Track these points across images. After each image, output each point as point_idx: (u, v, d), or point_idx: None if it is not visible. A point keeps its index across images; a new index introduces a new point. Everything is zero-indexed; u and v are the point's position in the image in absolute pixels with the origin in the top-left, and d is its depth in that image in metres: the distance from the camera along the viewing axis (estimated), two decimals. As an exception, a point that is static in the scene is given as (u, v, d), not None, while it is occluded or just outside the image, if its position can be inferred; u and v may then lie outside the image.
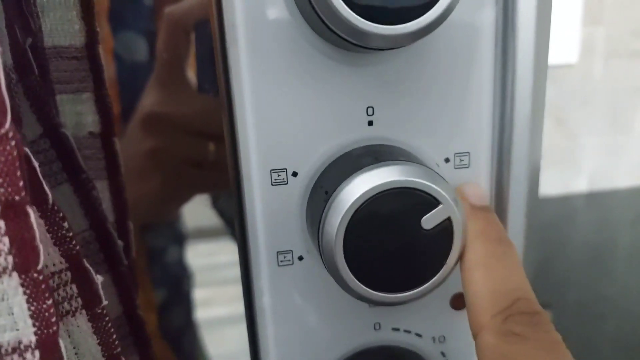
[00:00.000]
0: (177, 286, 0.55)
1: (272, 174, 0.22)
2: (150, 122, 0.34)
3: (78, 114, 0.26)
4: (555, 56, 0.73)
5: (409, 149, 0.22)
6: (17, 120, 0.18)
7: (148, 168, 0.35)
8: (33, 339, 0.17)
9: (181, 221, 0.56)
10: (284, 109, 0.21)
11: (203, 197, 0.51)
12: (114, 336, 0.21)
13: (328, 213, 0.19)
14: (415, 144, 0.22)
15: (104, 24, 0.38)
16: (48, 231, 0.19)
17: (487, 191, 0.23)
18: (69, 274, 0.20)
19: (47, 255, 0.19)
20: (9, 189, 0.15)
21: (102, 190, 0.26)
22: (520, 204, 0.23)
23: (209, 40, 0.34)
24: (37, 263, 0.16)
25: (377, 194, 0.19)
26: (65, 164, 0.23)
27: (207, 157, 0.35)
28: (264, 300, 0.23)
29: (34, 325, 0.17)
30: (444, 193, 0.19)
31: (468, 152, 0.22)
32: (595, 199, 0.81)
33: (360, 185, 0.19)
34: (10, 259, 0.16)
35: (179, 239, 0.55)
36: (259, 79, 0.20)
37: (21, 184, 0.15)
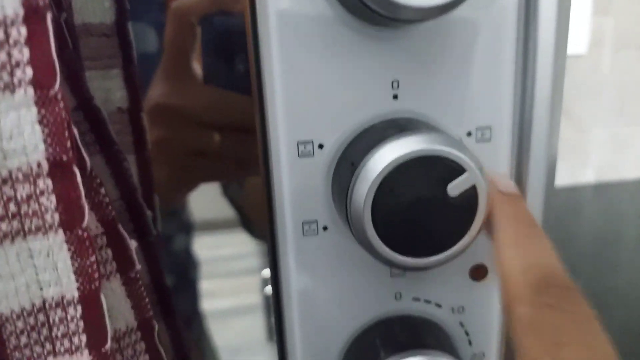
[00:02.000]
0: (184, 276, 0.56)
1: (299, 146, 0.22)
2: (157, 113, 0.35)
3: (107, 90, 0.26)
4: (564, 47, 0.73)
5: (432, 122, 0.22)
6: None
7: (155, 158, 0.36)
8: (76, 294, 0.17)
9: (189, 213, 0.57)
10: (311, 82, 0.21)
11: (211, 190, 0.51)
12: (146, 300, 0.22)
13: (356, 182, 0.20)
14: (438, 118, 0.22)
15: None
16: (85, 196, 0.20)
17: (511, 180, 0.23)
18: (104, 238, 0.21)
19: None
20: (57, 149, 0.16)
21: (129, 164, 0.27)
22: (540, 181, 0.24)
23: (216, 32, 0.35)
24: (83, 221, 0.17)
25: (403, 162, 0.19)
26: (98, 136, 0.23)
27: (213, 147, 0.36)
28: (290, 268, 0.24)
29: (77, 280, 0.17)
30: (469, 161, 0.19)
31: (490, 126, 0.23)
32: (603, 191, 0.82)
33: (387, 155, 0.19)
34: (56, 216, 0.17)
35: (187, 231, 0.56)
36: (287, 52, 0.21)
37: (68, 144, 0.16)
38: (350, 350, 0.25)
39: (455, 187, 0.20)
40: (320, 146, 0.22)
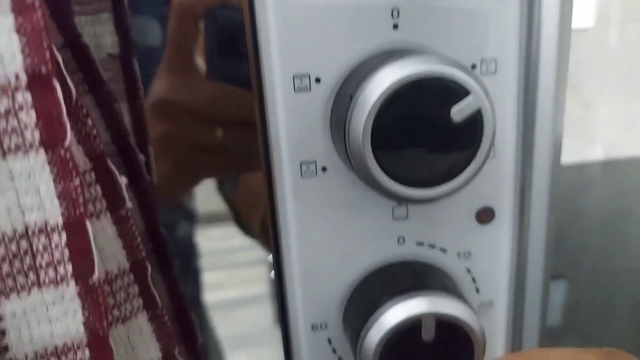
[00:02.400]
0: (187, 266, 0.56)
1: (295, 79, 0.21)
2: (159, 107, 0.35)
3: (97, 36, 0.25)
4: (570, 20, 0.72)
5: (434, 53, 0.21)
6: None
7: (157, 153, 0.36)
8: (60, 220, 0.17)
9: (194, 206, 0.56)
10: (306, 10, 0.21)
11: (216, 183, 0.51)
12: (138, 240, 0.21)
13: (353, 113, 0.19)
14: (440, 48, 0.21)
15: None
16: (72, 128, 0.19)
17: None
18: (93, 174, 0.20)
19: (72, 155, 0.19)
20: (36, 60, 0.15)
21: (122, 112, 0.26)
22: (548, 114, 0.23)
23: (219, 26, 0.35)
24: (64, 139, 0.16)
25: (401, 87, 0.18)
26: (86, 76, 0.23)
27: (215, 142, 0.36)
28: (288, 211, 0.23)
29: (61, 205, 0.17)
30: (473, 83, 0.18)
31: (495, 58, 0.22)
32: (611, 168, 0.80)
33: (384, 80, 0.19)
34: (36, 134, 0.16)
35: (192, 223, 0.56)
36: (281, -19, 0.20)
37: (48, 55, 0.15)
38: (352, 297, 0.24)
39: (459, 111, 0.19)
40: (317, 80, 0.21)
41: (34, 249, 0.17)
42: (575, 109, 0.77)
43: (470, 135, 0.19)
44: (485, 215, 0.24)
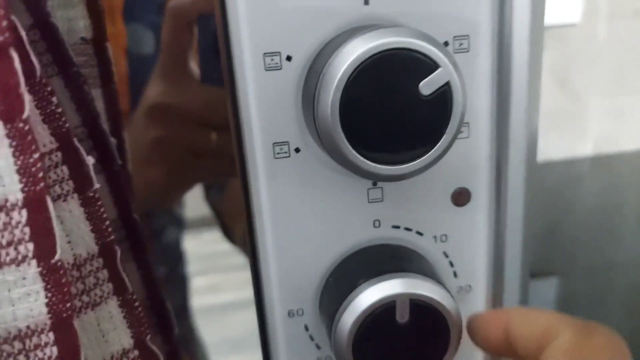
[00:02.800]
0: (175, 270, 0.55)
1: (265, 58, 0.21)
2: (154, 112, 0.35)
3: (69, 20, 0.25)
4: (557, 16, 0.72)
5: (406, 31, 0.21)
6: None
7: (152, 157, 0.36)
8: (20, 196, 0.16)
9: (185, 210, 0.56)
10: (276, -12, 0.20)
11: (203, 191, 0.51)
12: (107, 222, 0.20)
13: (321, 90, 0.19)
14: (413, 25, 0.21)
15: (118, 19, 0.39)
16: (37, 107, 0.19)
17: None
18: (59, 154, 0.19)
19: (37, 135, 0.19)
20: (-10, 29, 0.15)
21: (96, 98, 0.25)
22: (522, 91, 0.22)
23: (212, 32, 0.35)
24: (22, 111, 0.16)
25: (368, 59, 0.18)
26: (55, 57, 0.22)
27: (210, 146, 0.36)
28: (261, 194, 0.23)
29: (20, 181, 0.16)
30: (442, 56, 0.18)
31: (468, 35, 0.22)
32: (602, 163, 0.80)
33: (351, 52, 0.18)
34: (-7, 106, 0.15)
35: (182, 227, 0.55)
36: (250, -43, 0.20)
37: (5, 23, 0.15)
38: (328, 281, 0.24)
39: (427, 85, 0.18)
40: (289, 58, 0.21)
41: (-7, 226, 0.16)
42: (564, 104, 0.77)
43: (440, 110, 0.19)
44: (461, 197, 0.24)
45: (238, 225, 0.46)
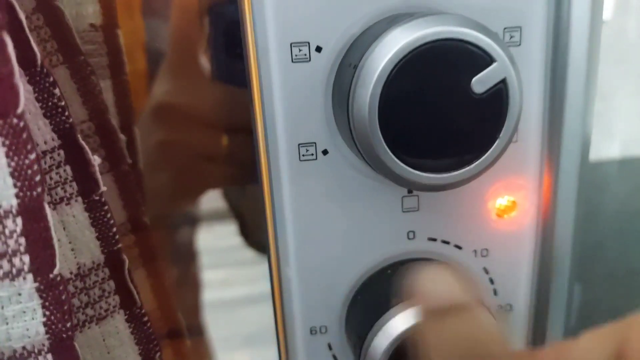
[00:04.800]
0: (187, 270, 0.53)
1: (293, 48, 0.19)
2: (160, 112, 0.33)
3: (77, 4, 0.23)
4: (588, 11, 0.68)
5: (451, 21, 0.19)
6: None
7: (158, 161, 0.33)
8: (14, 202, 0.14)
9: (196, 204, 0.54)
10: (307, -30, 0.18)
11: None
12: (114, 229, 0.18)
13: (357, 85, 0.17)
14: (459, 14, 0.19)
15: (137, 13, 0.37)
16: (37, 100, 0.17)
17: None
18: (62, 152, 0.17)
19: (37, 130, 0.17)
20: (-19, 8, 0.13)
21: (105, 90, 0.23)
22: (578, 94, 0.20)
23: (225, 24, 0.33)
24: (17, 105, 0.14)
25: (413, 50, 0.16)
26: (60, 45, 0.20)
27: (221, 150, 0.34)
28: (284, 200, 0.20)
29: (15, 185, 0.14)
30: (498, 48, 0.16)
31: (520, 27, 0.19)
32: (629, 166, 0.77)
33: (393, 43, 0.16)
34: (-16, 98, 0.13)
35: (196, 225, 0.54)
36: None
37: (-4, 4, 0.13)
38: (356, 299, 0.21)
39: (481, 82, 0.16)
40: (318, 49, 0.19)
41: (-16, 235, 0.14)
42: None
43: (494, 111, 0.16)
44: (505, 208, 0.21)
45: (260, 229, 0.44)
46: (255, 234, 0.45)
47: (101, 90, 0.21)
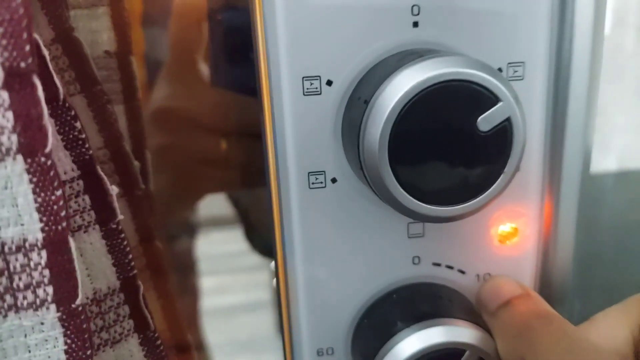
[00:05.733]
0: (186, 278, 0.54)
1: (305, 82, 0.19)
2: (160, 117, 0.33)
3: (93, 32, 0.24)
4: (585, 27, 0.69)
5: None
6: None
7: (158, 166, 0.34)
8: (40, 236, 0.15)
9: (195, 209, 0.54)
10: (318, 6, 0.19)
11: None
12: (130, 256, 0.19)
13: (369, 119, 0.17)
14: (464, 50, 0.20)
15: (137, 26, 0.37)
16: (58, 132, 0.17)
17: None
18: (81, 183, 0.18)
19: (58, 161, 0.18)
20: (14, 54, 0.13)
21: (118, 115, 0.24)
22: (579, 123, 0.21)
23: (224, 30, 0.33)
24: (45, 145, 0.14)
25: (423, 90, 0.16)
26: (78, 74, 0.21)
27: (219, 154, 0.34)
28: (294, 226, 0.21)
29: (40, 220, 0.15)
30: (504, 89, 0.17)
31: (523, 62, 0.20)
32: (626, 179, 0.78)
33: (403, 83, 0.17)
34: (14, 138, 0.14)
35: (193, 227, 0.54)
36: (291, -27, 0.18)
37: (28, 48, 0.13)
38: (362, 322, 0.22)
39: (487, 120, 0.17)
40: (329, 83, 0.19)
41: (11, 269, 0.15)
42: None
43: (498, 147, 0.17)
44: (507, 234, 0.22)
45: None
46: (261, 237, 0.46)
47: (117, 118, 0.21)
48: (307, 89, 0.19)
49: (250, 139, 0.33)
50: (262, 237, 0.45)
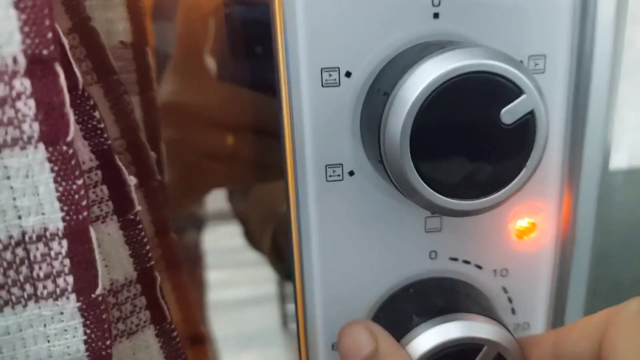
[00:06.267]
0: (193, 272, 0.54)
1: (323, 73, 0.19)
2: (166, 112, 0.33)
3: (108, 22, 0.23)
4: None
5: (477, 48, 0.19)
6: None
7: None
8: (60, 225, 0.15)
9: (202, 203, 0.54)
10: (339, -2, 0.18)
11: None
12: (147, 247, 0.19)
13: (390, 112, 0.17)
14: (484, 42, 0.19)
15: (147, 20, 0.37)
16: (77, 122, 0.17)
17: None
18: (99, 173, 0.18)
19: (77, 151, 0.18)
20: (37, 41, 0.13)
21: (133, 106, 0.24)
22: (600, 119, 0.21)
23: (232, 24, 0.33)
24: (67, 133, 0.14)
25: (445, 82, 0.16)
26: (95, 64, 0.21)
27: (226, 149, 0.33)
28: (310, 218, 0.21)
29: (61, 209, 0.15)
30: (527, 80, 0.16)
31: (544, 55, 0.20)
32: (635, 176, 0.78)
33: (425, 75, 0.16)
34: (36, 126, 0.14)
35: (200, 220, 0.54)
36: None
37: (50, 35, 0.13)
38: (378, 314, 0.22)
39: (510, 113, 0.16)
40: (348, 74, 0.19)
41: (31, 258, 0.15)
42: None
43: (521, 141, 0.17)
44: (525, 230, 0.22)
45: (265, 233, 0.44)
46: (258, 236, 0.46)
47: (133, 109, 0.21)
48: (326, 80, 0.19)
49: (256, 133, 0.32)
50: (261, 237, 0.45)
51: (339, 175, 0.21)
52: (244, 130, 0.33)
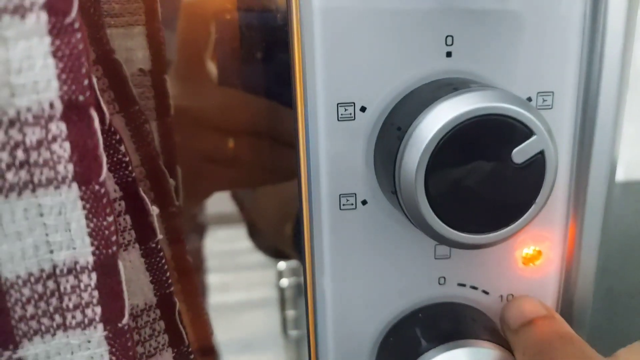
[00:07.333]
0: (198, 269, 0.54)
1: (339, 108, 0.20)
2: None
3: (128, 50, 0.24)
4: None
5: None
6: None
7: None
8: (90, 259, 0.15)
9: (202, 207, 0.55)
10: (354, 34, 0.19)
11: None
12: (167, 274, 0.20)
13: (406, 148, 0.18)
14: (495, 80, 0.20)
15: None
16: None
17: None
18: (122, 203, 0.19)
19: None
20: (73, 87, 0.14)
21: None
22: (605, 157, 0.21)
23: (230, 29, 0.33)
24: (100, 174, 0.15)
25: (460, 123, 0.17)
26: (117, 94, 0.21)
27: (227, 153, 0.34)
28: (324, 244, 0.21)
29: (92, 244, 0.15)
30: (537, 122, 0.17)
31: (552, 92, 0.20)
32: (632, 189, 0.78)
33: (442, 115, 0.17)
34: (70, 167, 0.14)
35: (199, 224, 0.54)
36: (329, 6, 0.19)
37: (86, 82, 0.14)
38: (387, 339, 0.23)
39: (521, 153, 0.17)
40: (363, 109, 0.20)
41: (62, 290, 0.15)
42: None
43: (531, 179, 0.18)
44: (531, 257, 0.22)
45: (281, 228, 0.43)
46: (264, 237, 0.46)
47: (153, 138, 0.22)
48: (342, 114, 0.20)
49: (255, 138, 0.33)
50: (265, 237, 0.45)
51: (352, 204, 0.21)
52: (242, 134, 0.33)
